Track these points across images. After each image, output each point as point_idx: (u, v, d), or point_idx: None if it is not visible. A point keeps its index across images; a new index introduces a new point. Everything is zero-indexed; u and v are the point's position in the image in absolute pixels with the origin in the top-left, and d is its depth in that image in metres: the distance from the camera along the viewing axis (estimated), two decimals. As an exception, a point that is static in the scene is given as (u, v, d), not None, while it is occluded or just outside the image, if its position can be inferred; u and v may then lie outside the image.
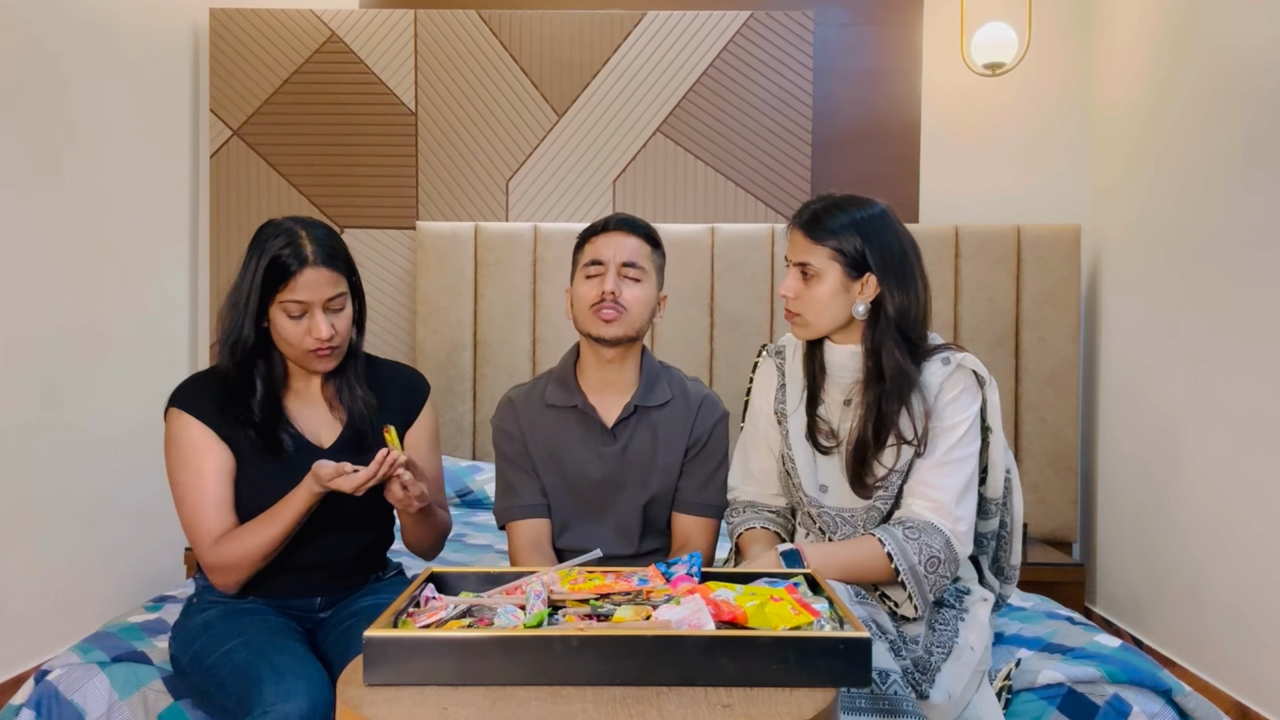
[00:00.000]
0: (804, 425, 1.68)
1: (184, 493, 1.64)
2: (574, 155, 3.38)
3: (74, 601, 2.71)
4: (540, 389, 1.91)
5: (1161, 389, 2.84)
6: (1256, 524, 2.37)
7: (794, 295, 1.63)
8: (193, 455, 1.64)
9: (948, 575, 1.55)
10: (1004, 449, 1.67)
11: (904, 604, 1.56)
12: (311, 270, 1.61)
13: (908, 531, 1.54)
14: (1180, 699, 1.63)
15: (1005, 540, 1.72)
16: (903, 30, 3.47)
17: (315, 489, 1.57)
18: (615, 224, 1.84)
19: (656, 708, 1.05)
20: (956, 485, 1.56)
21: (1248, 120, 2.44)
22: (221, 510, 1.63)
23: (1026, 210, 3.41)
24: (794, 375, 1.73)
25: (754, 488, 1.79)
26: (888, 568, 1.53)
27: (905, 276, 1.60)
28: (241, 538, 1.60)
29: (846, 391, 1.66)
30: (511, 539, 1.87)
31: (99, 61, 2.86)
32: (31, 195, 2.56)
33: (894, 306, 1.58)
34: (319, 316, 1.63)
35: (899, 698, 1.33)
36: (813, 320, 1.63)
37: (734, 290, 3.23)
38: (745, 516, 1.77)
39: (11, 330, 2.49)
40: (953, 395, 1.59)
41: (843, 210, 1.62)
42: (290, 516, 1.59)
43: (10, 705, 1.62)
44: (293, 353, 1.67)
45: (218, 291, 3.34)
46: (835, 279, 1.60)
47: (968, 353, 1.63)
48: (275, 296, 1.62)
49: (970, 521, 1.58)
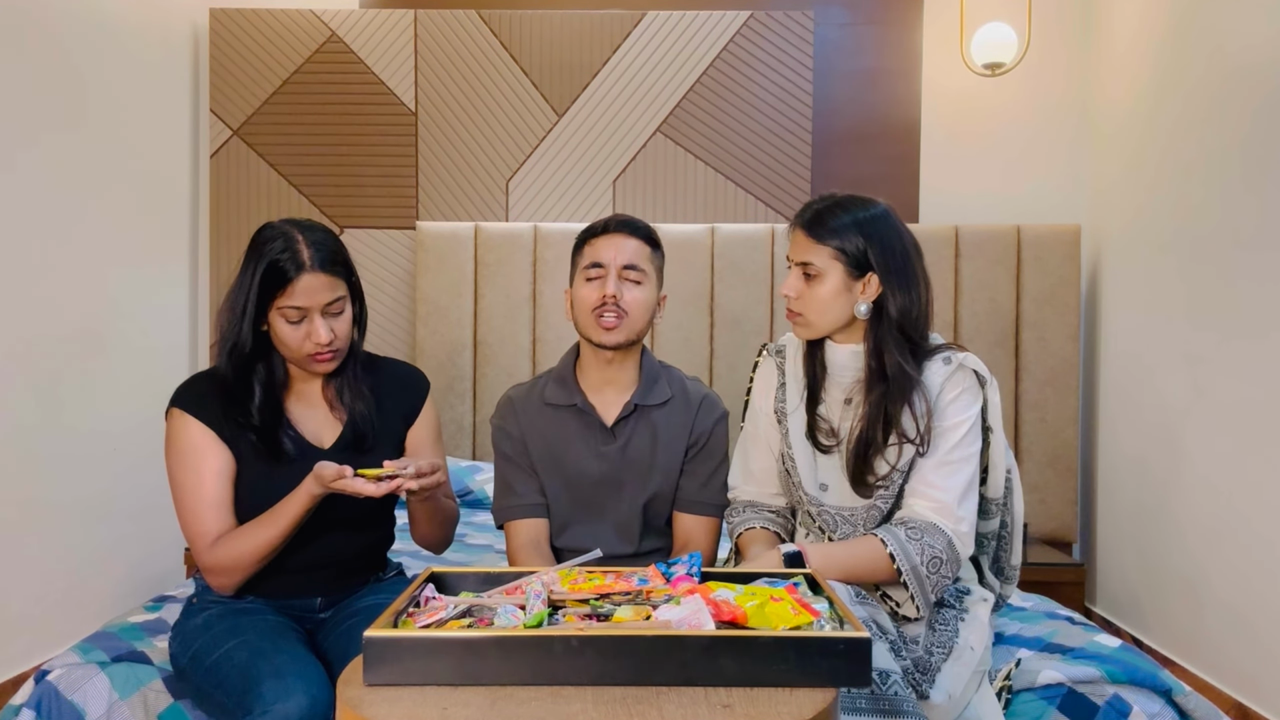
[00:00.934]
0: (804, 424, 1.68)
1: (182, 493, 1.64)
2: (574, 155, 3.38)
3: (74, 601, 2.71)
4: (540, 388, 1.91)
5: (1161, 388, 2.84)
6: (1256, 524, 2.37)
7: (796, 295, 1.63)
8: (193, 455, 1.63)
9: (949, 576, 1.55)
10: (1005, 449, 1.67)
11: (905, 604, 1.56)
12: (309, 276, 1.60)
13: (910, 532, 1.54)
14: (1180, 699, 1.64)
15: (1006, 540, 1.72)
16: (903, 30, 3.47)
17: (315, 490, 1.56)
18: (615, 226, 1.84)
19: (656, 708, 1.05)
20: (959, 486, 1.57)
21: (1248, 120, 2.44)
22: (220, 511, 1.63)
23: (1026, 210, 3.41)
24: (794, 374, 1.73)
25: (754, 487, 1.79)
26: (890, 568, 1.53)
27: (907, 276, 1.59)
28: (239, 539, 1.60)
29: (847, 391, 1.66)
30: (510, 538, 1.87)
31: (99, 61, 2.86)
32: (31, 195, 2.56)
33: (896, 307, 1.58)
34: (318, 322, 1.62)
35: (899, 698, 1.33)
36: (815, 320, 1.63)
37: (734, 290, 3.23)
38: (745, 516, 1.77)
39: (11, 330, 2.49)
40: (954, 395, 1.59)
41: (845, 210, 1.62)
42: (289, 518, 1.58)
43: (10, 705, 1.62)
44: (292, 356, 1.66)
45: (218, 291, 3.34)
46: (837, 279, 1.60)
47: (969, 353, 1.63)
48: (274, 302, 1.61)
49: (972, 522, 1.58)
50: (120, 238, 2.95)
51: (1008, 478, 1.69)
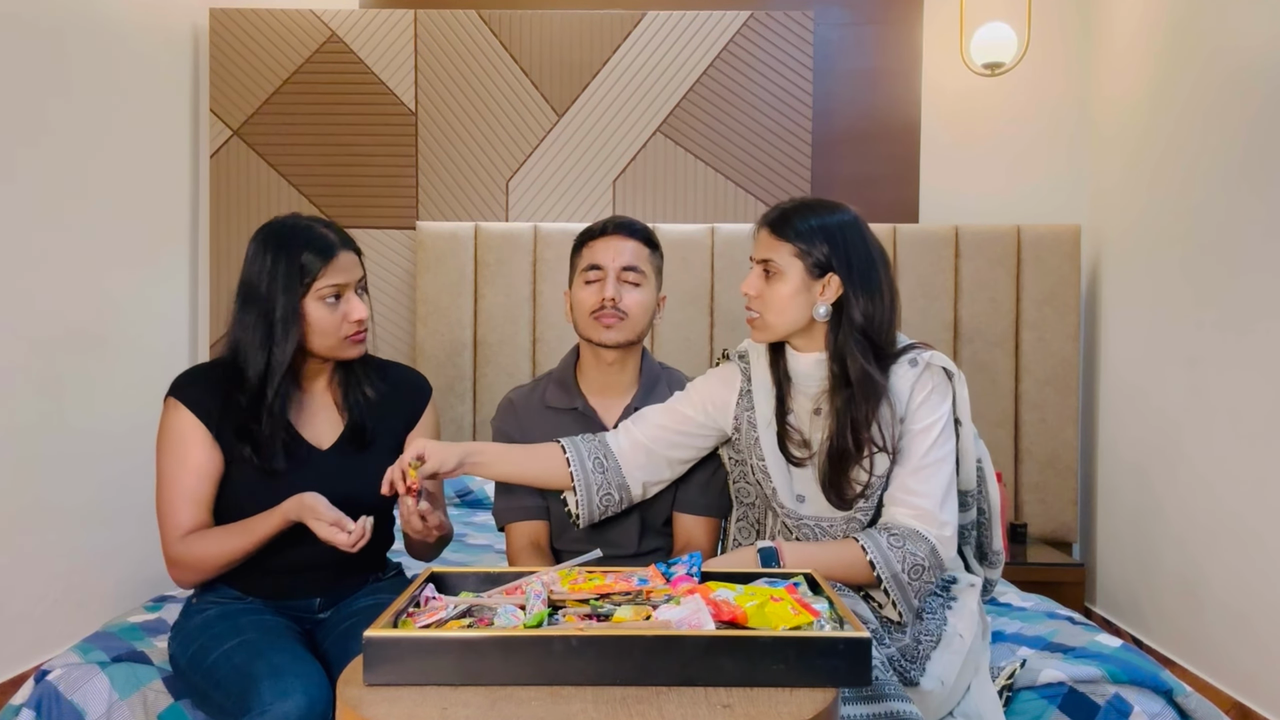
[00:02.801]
0: (775, 436, 1.66)
1: (163, 480, 1.65)
2: (574, 155, 3.38)
3: (74, 601, 2.71)
4: (540, 391, 1.91)
5: (1161, 388, 2.84)
6: (1256, 524, 2.37)
7: (755, 294, 1.61)
8: (180, 446, 1.64)
9: (933, 580, 1.54)
10: (974, 439, 1.66)
11: (887, 607, 1.55)
12: (344, 253, 1.66)
13: (892, 539, 1.53)
14: (1181, 699, 1.64)
15: (986, 526, 1.71)
16: (903, 30, 3.47)
17: (291, 516, 1.56)
18: (613, 227, 1.83)
19: (656, 708, 1.05)
20: (938, 490, 1.55)
21: (1248, 120, 2.44)
22: (194, 506, 1.63)
23: (1026, 210, 3.41)
24: (761, 384, 1.69)
25: (637, 431, 1.73)
26: (869, 574, 1.52)
27: (871, 282, 1.57)
28: (207, 541, 1.61)
29: (815, 400, 1.64)
30: (510, 540, 1.87)
31: (99, 61, 2.86)
32: (31, 195, 2.56)
33: (859, 311, 1.56)
34: (353, 299, 1.66)
35: (882, 682, 1.33)
36: (772, 321, 1.60)
37: (734, 290, 3.23)
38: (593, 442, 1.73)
39: (11, 330, 2.49)
40: (923, 396, 1.57)
41: (812, 212, 1.61)
42: (261, 534, 1.58)
43: (10, 705, 1.62)
44: (327, 343, 1.66)
45: (218, 291, 3.34)
46: (797, 278, 1.58)
47: (933, 350, 1.61)
48: (312, 285, 1.63)
49: (955, 525, 1.57)
50: (120, 238, 2.95)
51: (979, 468, 1.68)
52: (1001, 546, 1.75)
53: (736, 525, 1.81)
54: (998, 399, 3.19)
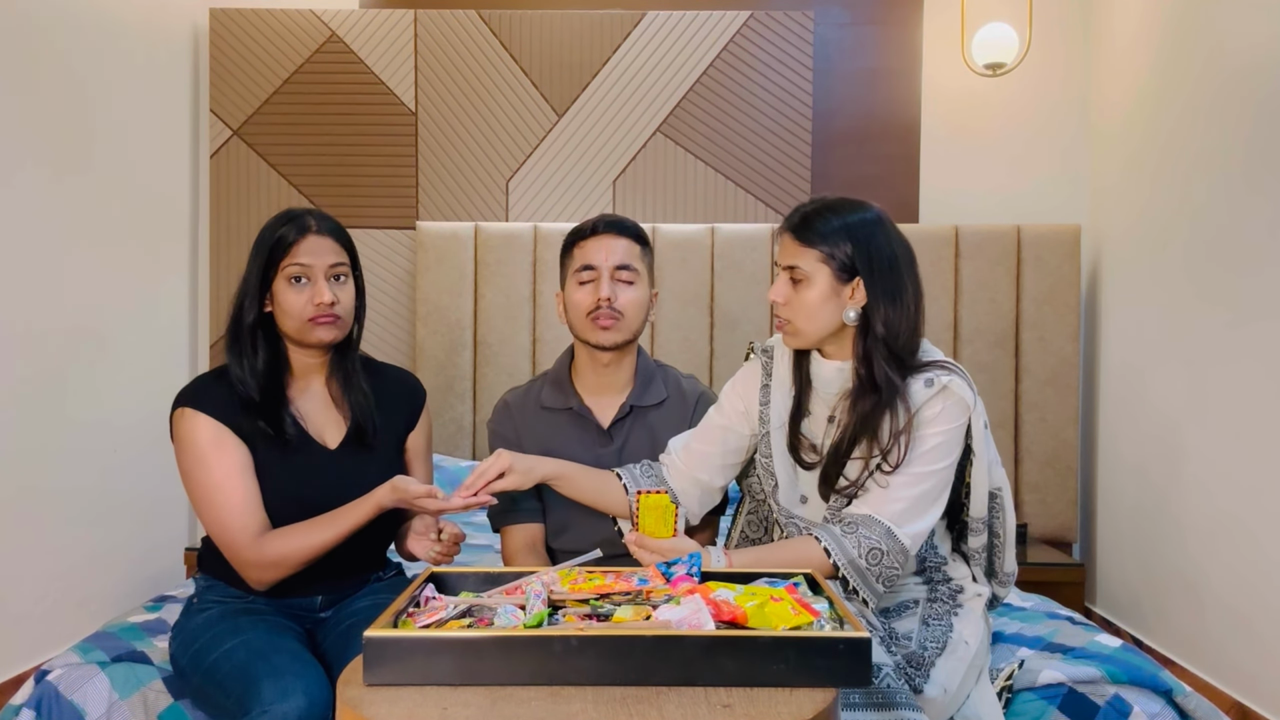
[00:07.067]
0: (786, 437, 1.65)
1: (206, 493, 1.61)
2: (574, 155, 3.38)
3: (74, 601, 2.71)
4: (535, 392, 1.91)
5: (1161, 389, 2.84)
6: (1256, 524, 2.37)
7: (783, 301, 1.59)
8: (213, 451, 1.62)
9: (896, 565, 1.52)
10: (989, 468, 1.61)
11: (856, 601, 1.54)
12: (314, 238, 1.66)
13: (845, 527, 1.53)
14: (1181, 699, 1.64)
15: (998, 549, 1.68)
16: (903, 30, 3.47)
17: (385, 503, 1.59)
18: (604, 226, 1.83)
19: (656, 708, 1.05)
20: (910, 495, 1.53)
21: (1248, 120, 2.44)
22: (254, 506, 1.62)
23: (1026, 210, 3.41)
24: (780, 380, 1.69)
25: (682, 463, 1.75)
26: (825, 564, 1.51)
27: (895, 285, 1.55)
28: (293, 537, 1.60)
29: (831, 407, 1.63)
30: (505, 542, 1.87)
31: (99, 61, 2.86)
32: (31, 195, 2.56)
33: (881, 321, 1.54)
34: (321, 283, 1.65)
35: (892, 690, 1.33)
36: (803, 327, 1.58)
37: (733, 290, 3.23)
38: (655, 473, 1.76)
39: (11, 328, 2.49)
40: (931, 415, 1.55)
41: (834, 213, 1.58)
42: (352, 524, 1.60)
43: (10, 705, 1.62)
44: (294, 324, 1.66)
45: (218, 291, 3.34)
46: (824, 282, 1.55)
47: (955, 374, 1.56)
48: (279, 267, 1.65)
49: (919, 531, 1.54)
50: (121, 237, 2.95)
51: (997, 496, 1.64)
52: (1014, 569, 1.71)
53: (746, 519, 1.81)
54: (998, 399, 3.18)
